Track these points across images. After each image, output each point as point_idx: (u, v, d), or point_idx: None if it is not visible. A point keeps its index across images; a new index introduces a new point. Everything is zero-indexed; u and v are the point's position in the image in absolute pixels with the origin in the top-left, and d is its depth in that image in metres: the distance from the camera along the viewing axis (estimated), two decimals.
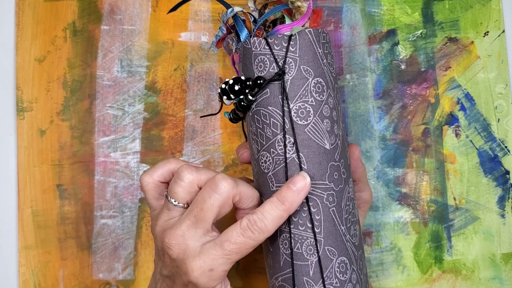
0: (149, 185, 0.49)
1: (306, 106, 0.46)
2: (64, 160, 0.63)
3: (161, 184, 0.50)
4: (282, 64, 0.46)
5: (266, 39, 0.47)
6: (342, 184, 0.47)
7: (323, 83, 0.47)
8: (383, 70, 0.66)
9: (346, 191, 0.48)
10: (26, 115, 0.63)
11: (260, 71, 0.47)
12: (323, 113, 0.47)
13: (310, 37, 0.47)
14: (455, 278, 0.65)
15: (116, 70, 0.64)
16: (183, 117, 0.64)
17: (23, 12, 0.64)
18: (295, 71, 0.46)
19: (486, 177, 0.66)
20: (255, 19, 0.49)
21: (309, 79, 0.46)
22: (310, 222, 0.46)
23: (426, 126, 0.66)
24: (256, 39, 0.47)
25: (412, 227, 0.65)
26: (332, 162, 0.47)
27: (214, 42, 0.51)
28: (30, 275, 0.62)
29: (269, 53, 0.47)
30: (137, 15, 0.65)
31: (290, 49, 0.46)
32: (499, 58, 0.66)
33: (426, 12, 0.66)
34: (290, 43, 0.46)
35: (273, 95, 0.47)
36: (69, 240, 0.63)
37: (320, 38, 0.48)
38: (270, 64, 0.47)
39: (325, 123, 0.47)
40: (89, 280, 0.63)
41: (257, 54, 0.47)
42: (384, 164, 0.65)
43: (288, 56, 0.46)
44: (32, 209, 0.63)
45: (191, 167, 0.46)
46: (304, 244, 0.46)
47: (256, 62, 0.47)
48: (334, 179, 0.47)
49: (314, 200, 0.46)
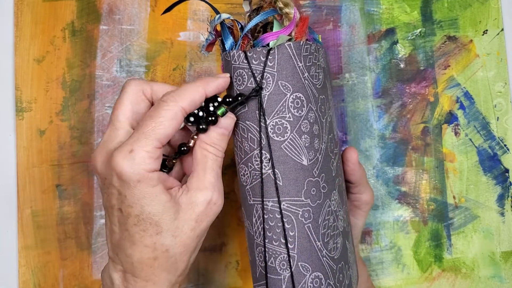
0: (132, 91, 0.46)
1: (283, 122, 0.45)
2: (63, 160, 0.63)
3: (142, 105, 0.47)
4: (259, 79, 0.45)
5: (245, 53, 0.46)
6: (321, 199, 0.47)
7: (303, 98, 0.46)
8: (382, 69, 0.66)
9: (326, 205, 0.47)
10: (25, 115, 0.63)
11: (239, 85, 0.46)
12: (302, 128, 0.46)
13: (289, 51, 0.46)
14: (454, 276, 0.65)
15: (115, 70, 0.64)
16: None
17: (21, 12, 0.64)
18: (272, 87, 0.45)
19: (486, 176, 0.66)
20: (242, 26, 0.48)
21: (287, 94, 0.45)
22: (284, 238, 0.46)
23: (425, 125, 0.66)
24: (235, 52, 0.46)
25: (411, 225, 0.65)
26: (310, 178, 0.46)
27: (204, 46, 0.50)
28: (30, 275, 0.62)
29: (247, 67, 0.46)
30: (136, 15, 0.65)
31: (268, 63, 0.45)
32: (498, 56, 0.67)
33: (425, 10, 0.66)
34: (268, 57, 0.45)
35: (251, 110, 0.46)
36: (68, 240, 0.63)
37: (302, 51, 0.46)
38: (248, 78, 0.46)
39: (303, 138, 0.46)
40: (89, 280, 0.63)
41: (236, 67, 0.46)
42: (383, 163, 0.65)
43: (266, 71, 0.45)
44: (31, 209, 0.62)
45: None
46: (277, 259, 0.46)
47: (235, 75, 0.46)
48: (311, 195, 0.46)
49: (288, 216, 0.46)
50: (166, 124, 0.42)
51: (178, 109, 0.43)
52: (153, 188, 0.42)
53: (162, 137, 0.42)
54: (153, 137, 0.42)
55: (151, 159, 0.41)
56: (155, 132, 0.42)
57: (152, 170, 0.42)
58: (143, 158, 0.41)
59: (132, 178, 0.41)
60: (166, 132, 0.42)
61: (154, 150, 0.42)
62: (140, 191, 0.41)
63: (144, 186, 0.41)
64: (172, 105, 0.42)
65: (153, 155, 0.42)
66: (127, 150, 0.41)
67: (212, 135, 0.45)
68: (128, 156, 0.41)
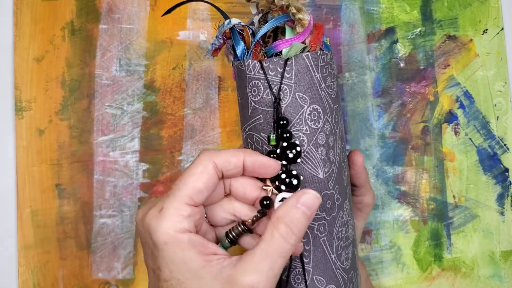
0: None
1: (299, 135, 0.44)
2: (63, 160, 0.63)
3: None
4: (276, 91, 0.44)
5: (261, 63, 0.45)
6: (335, 211, 0.46)
7: (320, 109, 0.45)
8: (382, 68, 0.66)
9: (340, 217, 0.47)
10: (25, 114, 0.63)
11: (254, 96, 0.45)
12: (318, 141, 0.45)
13: (307, 61, 0.45)
14: (454, 276, 0.65)
15: (115, 69, 0.64)
16: (182, 116, 0.64)
17: (21, 11, 0.64)
18: (289, 99, 0.44)
19: (485, 175, 0.66)
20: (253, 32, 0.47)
21: (304, 106, 0.44)
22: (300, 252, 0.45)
23: (425, 124, 0.66)
24: (251, 62, 0.45)
25: (411, 225, 0.65)
26: (325, 191, 0.45)
27: (210, 51, 0.49)
28: (30, 274, 0.62)
29: (263, 78, 0.44)
30: (135, 14, 0.65)
31: (285, 75, 0.44)
32: (498, 56, 0.66)
33: (425, 10, 0.66)
34: (285, 68, 0.44)
35: (266, 121, 0.45)
36: (68, 239, 0.63)
37: (319, 62, 0.45)
38: (264, 89, 0.45)
39: (320, 151, 0.45)
40: (88, 279, 0.63)
41: (251, 78, 0.45)
42: (383, 162, 0.65)
43: (283, 82, 0.44)
44: (31, 209, 0.62)
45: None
46: (292, 273, 0.46)
47: (250, 86, 0.45)
48: (326, 208, 0.46)
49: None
50: (196, 177, 0.39)
51: (209, 162, 0.40)
52: (183, 252, 0.37)
53: (192, 192, 0.39)
54: (182, 193, 0.39)
55: (181, 217, 0.38)
56: (185, 187, 0.39)
57: (182, 231, 0.38)
58: (171, 216, 0.38)
59: (159, 239, 0.38)
60: (196, 185, 0.39)
61: (184, 206, 0.38)
62: (168, 254, 0.37)
63: (172, 249, 0.37)
64: (203, 158, 0.40)
65: (183, 212, 0.38)
66: (157, 209, 0.39)
67: (290, 210, 0.39)
68: (158, 215, 0.38)
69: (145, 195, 0.64)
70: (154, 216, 0.38)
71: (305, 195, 0.40)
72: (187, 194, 0.39)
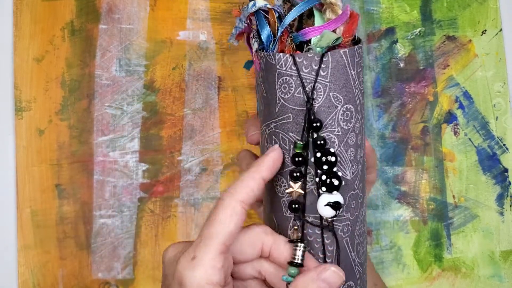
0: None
1: (331, 136, 0.42)
2: (62, 160, 0.63)
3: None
4: (310, 90, 0.41)
5: (294, 58, 0.41)
6: (358, 210, 0.45)
7: (352, 109, 0.43)
8: (382, 68, 0.66)
9: (361, 214, 0.46)
10: (25, 114, 0.63)
11: (284, 93, 0.42)
12: (349, 142, 0.43)
13: (344, 59, 0.41)
14: (454, 276, 0.65)
15: (115, 69, 0.64)
16: (181, 116, 0.64)
17: (21, 11, 0.64)
18: (323, 99, 0.41)
19: (485, 175, 0.66)
20: (279, 14, 0.43)
21: (337, 107, 0.42)
22: (323, 253, 0.44)
23: (425, 124, 0.66)
24: (282, 56, 0.42)
25: (411, 225, 0.65)
26: (351, 191, 0.44)
27: (234, 34, 0.45)
28: (29, 275, 0.62)
29: (296, 75, 0.41)
30: (135, 14, 0.65)
31: (320, 73, 0.41)
32: (496, 56, 0.67)
33: (425, 10, 0.66)
34: (321, 66, 0.41)
35: (296, 121, 0.42)
36: (68, 239, 0.63)
37: (355, 57, 0.42)
38: (296, 87, 0.42)
39: (349, 152, 0.43)
40: (88, 279, 0.62)
41: (282, 73, 0.42)
42: (383, 162, 0.65)
43: (318, 81, 0.41)
44: (31, 209, 0.62)
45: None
46: None
47: (280, 82, 0.42)
48: (351, 208, 0.44)
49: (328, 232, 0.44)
50: (226, 223, 0.39)
51: (235, 203, 0.39)
52: None
53: (225, 238, 0.39)
54: (215, 241, 0.38)
55: (214, 269, 0.38)
56: (216, 235, 0.38)
57: (215, 283, 0.38)
58: (205, 268, 0.38)
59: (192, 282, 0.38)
60: (228, 230, 0.39)
61: (218, 257, 0.38)
62: None
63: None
64: (228, 201, 0.39)
65: (216, 263, 0.38)
66: (190, 257, 0.38)
67: (309, 285, 0.40)
68: (191, 264, 0.38)
69: (145, 195, 0.63)
70: (187, 265, 0.38)
71: (327, 272, 0.40)
72: (221, 242, 0.39)
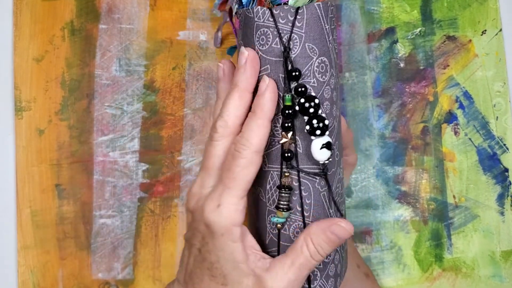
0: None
1: (307, 87, 0.43)
2: (62, 160, 0.63)
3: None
4: (286, 40, 0.43)
5: (271, 11, 0.43)
6: (335, 167, 0.46)
7: (327, 62, 0.44)
8: (382, 68, 0.66)
9: (337, 173, 0.46)
10: (25, 114, 0.63)
11: (262, 45, 0.43)
12: (324, 95, 0.44)
13: (318, 11, 0.43)
14: (455, 276, 0.65)
15: (115, 69, 0.64)
16: (182, 116, 0.64)
17: (20, 11, 0.63)
18: (299, 49, 0.43)
19: (485, 175, 0.66)
20: None
21: (313, 58, 0.43)
22: (300, 206, 0.45)
23: (425, 124, 0.66)
24: (260, 9, 0.43)
25: (412, 225, 0.65)
26: None
27: (216, 5, 0.47)
28: (29, 275, 0.62)
29: (273, 26, 0.43)
30: (135, 14, 0.64)
31: (296, 23, 0.43)
32: (496, 56, 0.67)
33: (425, 10, 0.66)
34: (296, 17, 0.42)
35: (274, 72, 0.43)
36: (68, 239, 0.62)
37: (329, 12, 0.44)
38: (273, 38, 0.43)
39: (325, 105, 0.44)
40: (88, 279, 0.62)
41: (259, 25, 0.43)
42: (383, 162, 0.65)
43: (294, 31, 0.43)
44: (30, 209, 0.62)
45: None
46: (292, 227, 0.45)
47: (258, 34, 0.43)
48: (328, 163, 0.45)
49: (306, 184, 0.45)
50: (245, 172, 0.43)
51: (251, 155, 0.43)
52: (232, 243, 0.43)
53: (245, 186, 0.43)
54: (236, 189, 0.43)
55: (237, 212, 0.43)
56: (236, 184, 0.43)
57: (237, 224, 0.43)
58: (229, 213, 0.42)
59: (218, 231, 0.43)
60: (247, 179, 0.43)
61: (239, 202, 0.43)
62: (221, 243, 0.43)
63: (225, 239, 0.43)
64: (245, 153, 0.43)
65: (238, 207, 0.43)
66: (215, 204, 0.43)
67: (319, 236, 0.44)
68: (217, 210, 0.43)
69: (145, 195, 0.63)
70: (213, 210, 0.43)
71: (338, 226, 0.44)
72: (240, 189, 0.43)
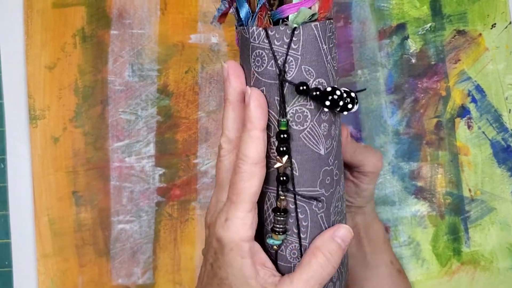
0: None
1: (303, 110, 0.43)
2: (78, 167, 0.63)
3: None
4: (281, 63, 0.42)
5: (267, 31, 0.42)
6: (333, 187, 0.45)
7: (325, 83, 0.43)
8: (394, 64, 0.66)
9: (337, 192, 0.46)
10: (39, 123, 0.63)
11: (258, 66, 0.43)
12: (322, 116, 0.43)
13: (315, 32, 0.42)
14: (474, 269, 0.65)
15: (127, 74, 0.64)
16: (196, 119, 0.64)
17: (31, 20, 0.64)
18: (295, 72, 0.42)
19: (500, 168, 0.66)
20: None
21: (309, 80, 0.42)
22: (297, 228, 0.45)
23: (438, 119, 0.66)
24: (255, 30, 0.42)
25: (429, 220, 0.65)
26: (326, 167, 0.44)
27: (216, 17, 0.46)
28: (50, 283, 0.62)
29: (268, 48, 0.42)
30: (146, 19, 0.65)
31: (292, 46, 0.42)
32: (507, 49, 0.67)
33: (434, 5, 0.67)
34: (292, 38, 0.41)
35: (269, 95, 0.43)
36: (86, 246, 0.62)
37: (327, 32, 0.43)
38: (268, 60, 0.42)
39: (323, 127, 0.43)
40: (108, 285, 0.62)
41: (255, 46, 0.42)
42: (398, 158, 0.65)
43: (289, 54, 0.42)
44: (48, 217, 0.62)
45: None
46: (288, 248, 0.45)
47: (254, 55, 0.43)
48: (325, 184, 0.45)
49: (302, 206, 0.44)
50: (247, 185, 0.42)
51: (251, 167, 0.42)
52: (241, 259, 0.42)
53: (249, 199, 0.42)
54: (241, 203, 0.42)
55: (244, 227, 0.42)
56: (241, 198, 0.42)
57: (246, 239, 0.42)
58: (236, 227, 0.42)
59: (227, 246, 0.42)
60: (250, 192, 0.42)
61: (246, 215, 0.42)
62: (230, 259, 0.42)
63: (234, 255, 0.42)
64: (244, 167, 0.42)
65: (245, 221, 0.42)
66: (223, 219, 0.43)
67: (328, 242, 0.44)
68: (225, 225, 0.42)
69: (163, 199, 0.63)
70: (222, 225, 0.42)
71: (341, 229, 0.44)
72: (246, 202, 0.42)
